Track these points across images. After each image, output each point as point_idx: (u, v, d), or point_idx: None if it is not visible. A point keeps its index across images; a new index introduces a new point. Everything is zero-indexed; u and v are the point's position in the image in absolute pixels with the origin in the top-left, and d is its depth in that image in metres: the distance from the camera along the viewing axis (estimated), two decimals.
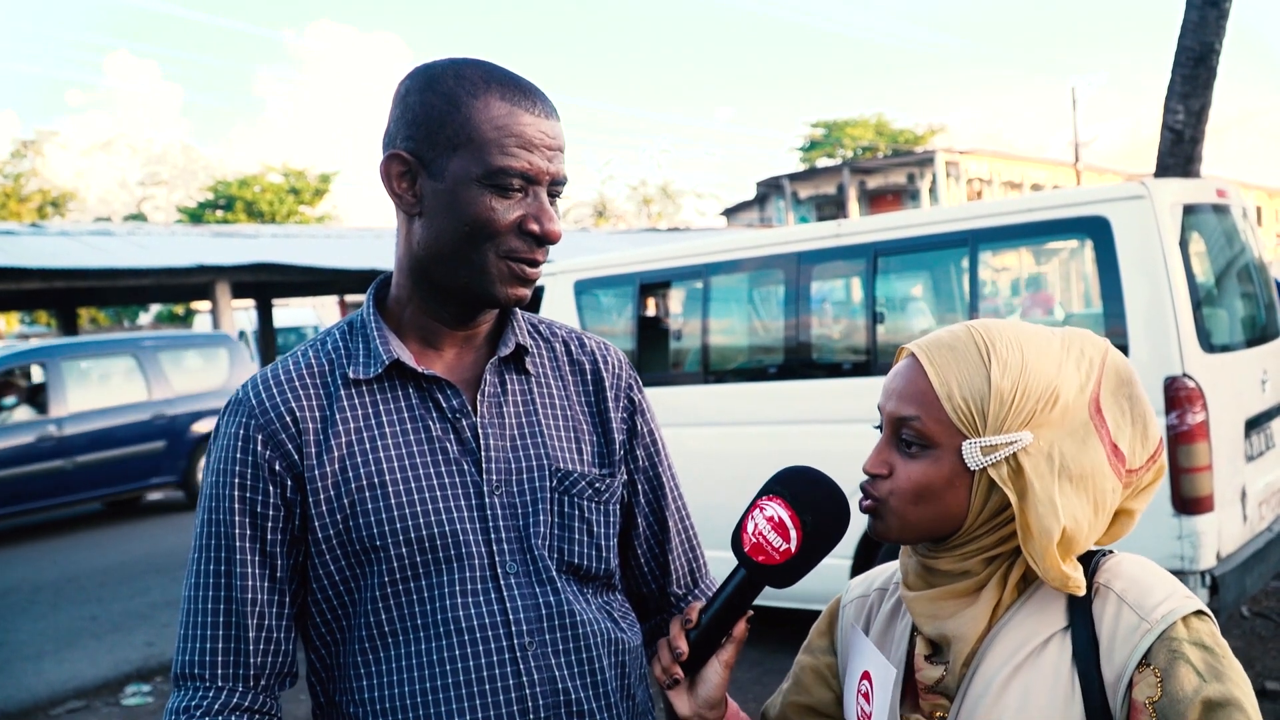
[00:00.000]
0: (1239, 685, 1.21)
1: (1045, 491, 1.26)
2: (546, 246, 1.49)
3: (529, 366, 1.61)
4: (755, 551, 1.40)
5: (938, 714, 1.35)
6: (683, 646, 1.42)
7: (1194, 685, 1.19)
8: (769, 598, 5.99)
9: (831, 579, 5.63)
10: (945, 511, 1.32)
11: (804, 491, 1.41)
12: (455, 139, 1.44)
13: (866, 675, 1.41)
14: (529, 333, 1.65)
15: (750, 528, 1.41)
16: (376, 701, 1.46)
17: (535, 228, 1.45)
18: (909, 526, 1.34)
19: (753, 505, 1.43)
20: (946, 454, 1.31)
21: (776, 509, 1.40)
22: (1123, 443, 1.31)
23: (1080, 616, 1.28)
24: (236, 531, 1.47)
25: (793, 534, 1.39)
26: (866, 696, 1.40)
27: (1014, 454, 1.28)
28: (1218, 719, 1.18)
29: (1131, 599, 1.27)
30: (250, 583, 1.46)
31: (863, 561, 5.37)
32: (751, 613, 1.46)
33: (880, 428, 1.39)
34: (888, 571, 1.57)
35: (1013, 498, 1.27)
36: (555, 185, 1.49)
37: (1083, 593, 1.28)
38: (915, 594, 1.38)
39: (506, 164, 1.43)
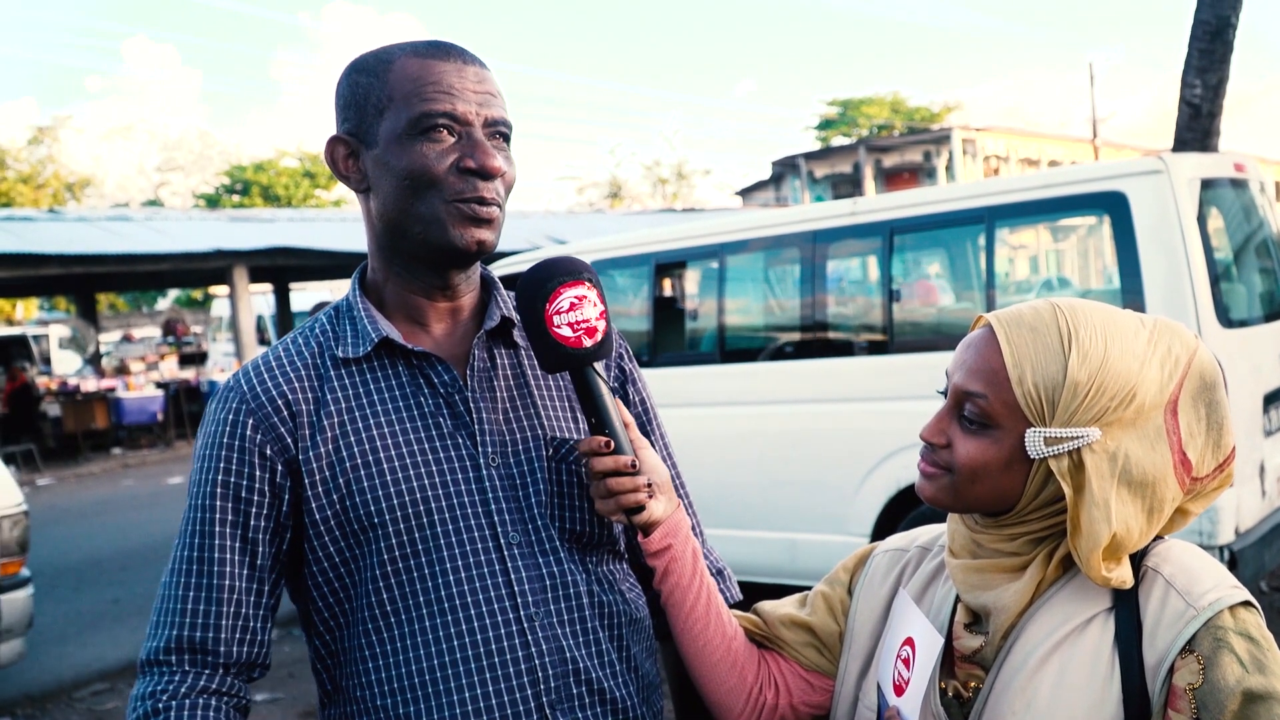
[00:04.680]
0: None
1: (1102, 493, 1.23)
2: (494, 184, 1.48)
3: (518, 339, 1.60)
4: (579, 338, 1.44)
5: (972, 683, 1.34)
6: (599, 439, 1.45)
7: (1236, 675, 1.18)
8: (772, 576, 6.03)
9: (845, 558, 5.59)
10: (998, 491, 1.30)
11: (557, 269, 1.45)
12: (380, 104, 1.48)
13: (910, 641, 1.38)
14: (515, 307, 1.64)
15: (559, 325, 1.43)
16: (384, 682, 1.46)
17: (471, 163, 1.45)
18: (961, 499, 1.33)
19: (543, 318, 1.44)
20: (1008, 437, 1.28)
21: (568, 295, 1.44)
22: (1192, 452, 1.27)
23: (1125, 598, 1.27)
24: (218, 517, 1.46)
25: (591, 296, 1.45)
26: (907, 662, 1.37)
27: (1077, 449, 1.25)
28: (1257, 711, 1.16)
29: (1180, 585, 1.25)
30: (228, 569, 1.45)
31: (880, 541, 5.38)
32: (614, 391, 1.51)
33: (945, 393, 1.36)
34: (932, 532, 1.56)
35: (1068, 492, 1.25)
36: (493, 127, 1.49)
37: (1127, 587, 1.26)
38: (959, 562, 1.37)
39: (427, 109, 1.45)
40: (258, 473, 1.47)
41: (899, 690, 1.38)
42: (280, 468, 1.47)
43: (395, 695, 1.45)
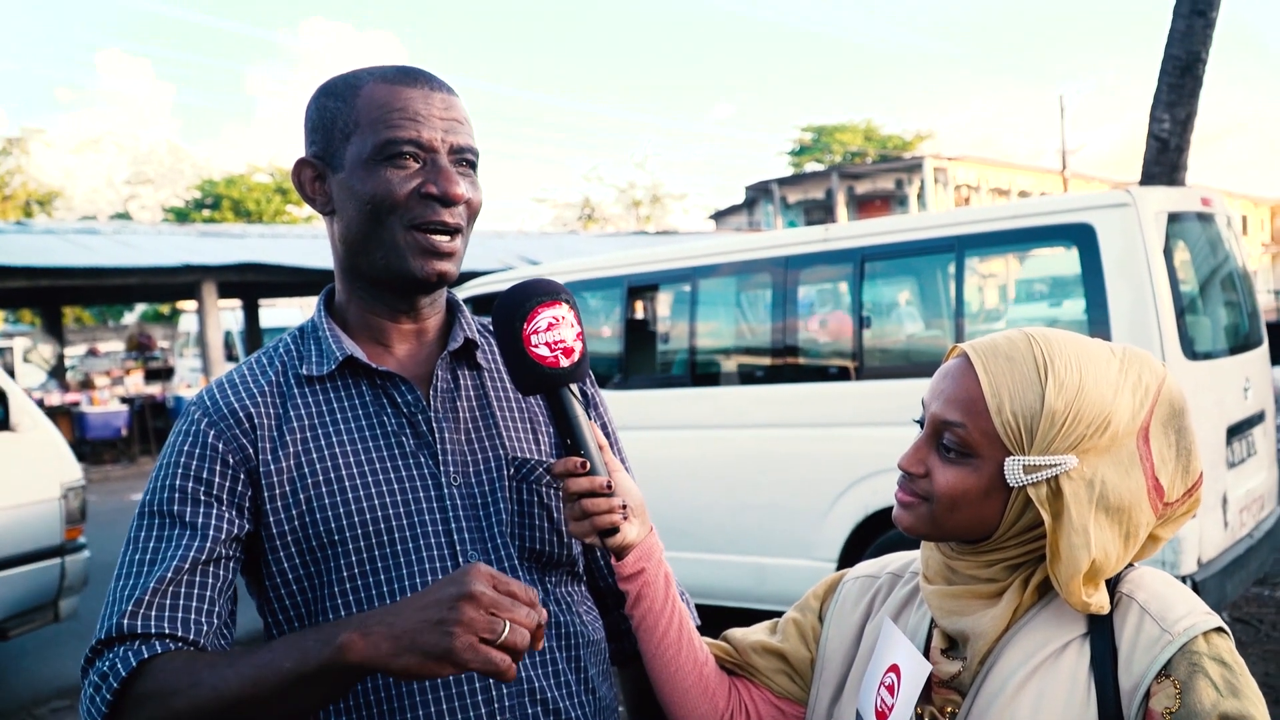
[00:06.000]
0: (1254, 703, 1.21)
1: (1081, 519, 1.25)
2: (456, 210, 1.49)
3: (480, 360, 1.62)
4: (556, 359, 1.42)
5: (949, 708, 1.35)
6: (575, 460, 1.42)
7: (1212, 700, 1.20)
8: (739, 600, 6.04)
9: (813, 582, 5.63)
10: (977, 519, 1.31)
11: (535, 290, 1.43)
12: (347, 129, 1.49)
13: (894, 668, 1.39)
14: (479, 331, 1.66)
15: (536, 345, 1.41)
16: (340, 700, 1.44)
17: (433, 189, 1.46)
18: (939, 528, 1.34)
19: (520, 338, 1.41)
20: (987, 465, 1.29)
21: (545, 315, 1.42)
22: (1164, 477, 1.29)
23: (1100, 624, 1.29)
24: (173, 520, 1.42)
25: (568, 316, 1.43)
26: (891, 689, 1.38)
27: (1055, 476, 1.26)
28: None
29: (1154, 611, 1.27)
30: (171, 573, 1.38)
31: (848, 566, 5.39)
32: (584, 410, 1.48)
33: (921, 423, 1.37)
34: (903, 558, 1.56)
35: (1047, 519, 1.27)
36: (459, 154, 1.51)
37: (1105, 612, 1.28)
38: (934, 588, 1.38)
39: (392, 135, 1.46)
40: (218, 479, 1.45)
41: (881, 717, 1.38)
42: (243, 476, 1.46)
43: (351, 713, 1.45)
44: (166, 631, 1.36)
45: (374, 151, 1.47)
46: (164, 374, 23.50)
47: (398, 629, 1.20)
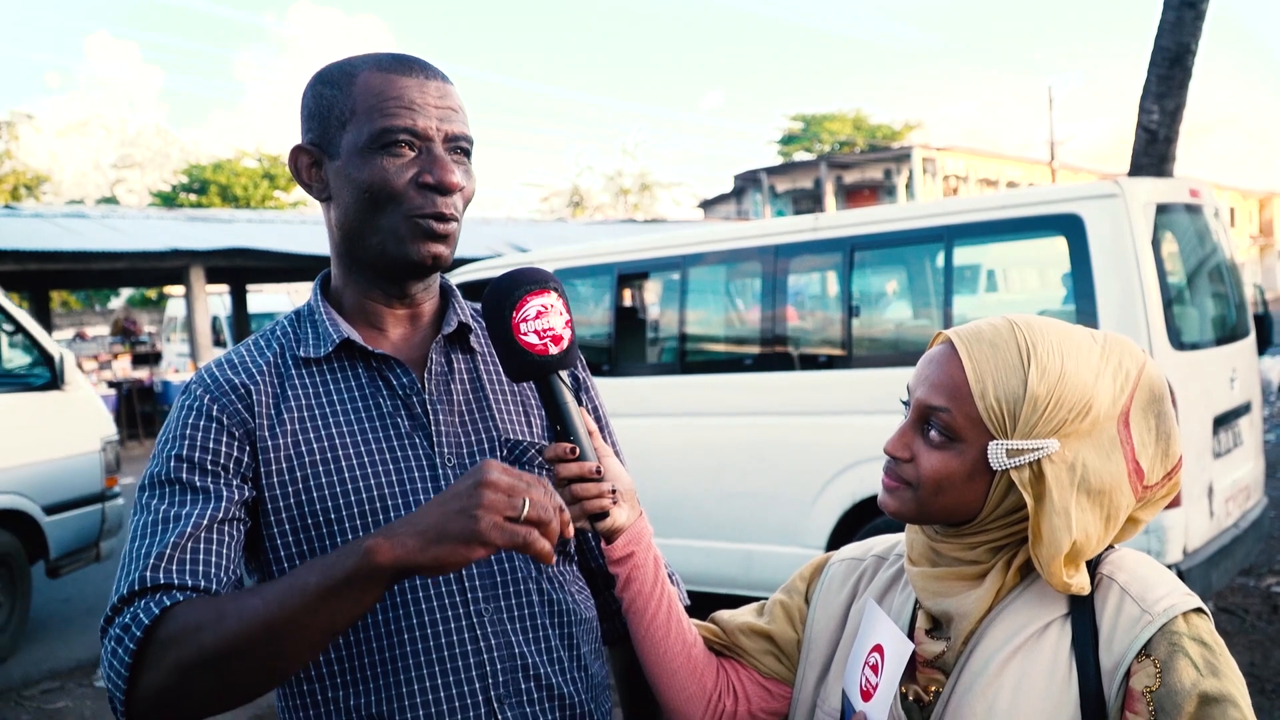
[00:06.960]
0: (1234, 682, 1.23)
1: (1062, 502, 1.28)
2: (452, 199, 1.51)
3: (474, 344, 1.64)
4: (546, 346, 1.43)
5: (933, 688, 1.37)
6: (565, 445, 1.43)
7: (1192, 679, 1.22)
8: (727, 587, 6.07)
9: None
10: (961, 502, 1.34)
11: (523, 279, 1.44)
12: (343, 117, 1.50)
13: (878, 648, 1.41)
14: (472, 315, 1.68)
15: (525, 333, 1.42)
16: (338, 675, 1.47)
17: (430, 179, 1.48)
18: (924, 511, 1.36)
19: (510, 326, 1.42)
20: (970, 449, 1.32)
21: (534, 303, 1.43)
22: (1144, 460, 1.32)
23: (1081, 605, 1.31)
24: (182, 488, 1.42)
25: (556, 304, 1.44)
26: (875, 669, 1.40)
27: (1038, 460, 1.29)
28: (1213, 713, 1.21)
29: (1134, 591, 1.29)
30: (189, 528, 1.38)
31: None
32: (577, 403, 1.49)
33: (907, 404, 1.39)
34: (888, 541, 1.59)
35: (1030, 502, 1.29)
36: (454, 142, 1.52)
37: (1086, 593, 1.30)
38: (919, 569, 1.40)
39: (388, 124, 1.47)
40: (224, 449, 1.46)
41: (866, 696, 1.40)
42: (248, 447, 1.48)
43: (345, 688, 1.47)
44: (189, 584, 1.36)
45: (370, 140, 1.48)
46: (151, 359, 23.43)
47: (422, 526, 1.22)
